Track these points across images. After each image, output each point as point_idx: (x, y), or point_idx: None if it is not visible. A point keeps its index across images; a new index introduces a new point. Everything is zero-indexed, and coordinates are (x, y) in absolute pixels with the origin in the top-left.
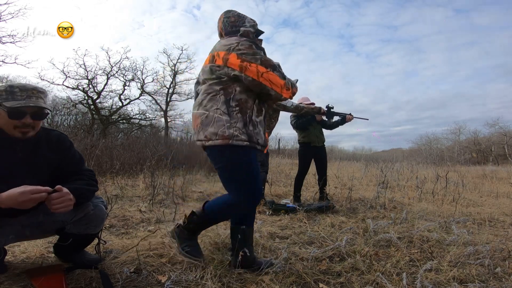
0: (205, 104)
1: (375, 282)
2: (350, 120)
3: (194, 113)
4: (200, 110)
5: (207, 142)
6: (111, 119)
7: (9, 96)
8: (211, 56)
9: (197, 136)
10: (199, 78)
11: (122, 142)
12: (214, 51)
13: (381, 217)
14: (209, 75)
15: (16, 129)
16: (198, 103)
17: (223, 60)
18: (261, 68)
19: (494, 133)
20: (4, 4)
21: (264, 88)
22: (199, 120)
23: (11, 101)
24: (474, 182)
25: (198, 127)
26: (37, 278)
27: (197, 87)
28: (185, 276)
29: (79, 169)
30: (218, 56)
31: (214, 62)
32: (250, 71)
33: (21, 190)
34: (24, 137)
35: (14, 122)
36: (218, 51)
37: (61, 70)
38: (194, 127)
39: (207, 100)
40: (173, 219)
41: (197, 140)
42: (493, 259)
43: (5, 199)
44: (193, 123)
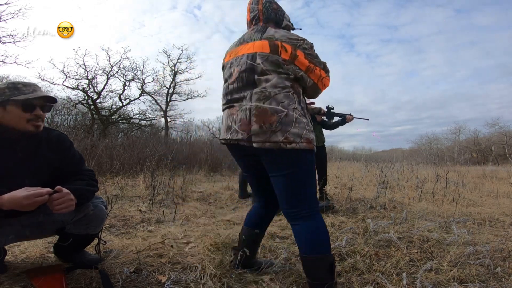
0: (281, 100)
1: (375, 282)
2: (351, 120)
3: (261, 107)
4: (274, 105)
5: (288, 144)
6: (111, 119)
7: (15, 91)
8: (272, 44)
9: (269, 136)
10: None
11: (122, 142)
12: (274, 39)
13: (381, 217)
14: (276, 67)
15: (29, 123)
16: (265, 96)
17: (291, 56)
18: (323, 72)
19: (494, 133)
20: (4, 4)
21: (317, 92)
22: (276, 117)
23: (21, 95)
24: (474, 182)
25: (274, 125)
26: (37, 278)
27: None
28: (185, 276)
29: (79, 169)
30: (284, 49)
31: (279, 54)
32: (315, 75)
33: (25, 194)
34: (37, 131)
35: (27, 116)
36: (283, 43)
37: (61, 70)
38: (260, 123)
39: (282, 95)
40: (173, 219)
41: (267, 141)
42: (493, 259)
43: (7, 202)
44: (259, 118)
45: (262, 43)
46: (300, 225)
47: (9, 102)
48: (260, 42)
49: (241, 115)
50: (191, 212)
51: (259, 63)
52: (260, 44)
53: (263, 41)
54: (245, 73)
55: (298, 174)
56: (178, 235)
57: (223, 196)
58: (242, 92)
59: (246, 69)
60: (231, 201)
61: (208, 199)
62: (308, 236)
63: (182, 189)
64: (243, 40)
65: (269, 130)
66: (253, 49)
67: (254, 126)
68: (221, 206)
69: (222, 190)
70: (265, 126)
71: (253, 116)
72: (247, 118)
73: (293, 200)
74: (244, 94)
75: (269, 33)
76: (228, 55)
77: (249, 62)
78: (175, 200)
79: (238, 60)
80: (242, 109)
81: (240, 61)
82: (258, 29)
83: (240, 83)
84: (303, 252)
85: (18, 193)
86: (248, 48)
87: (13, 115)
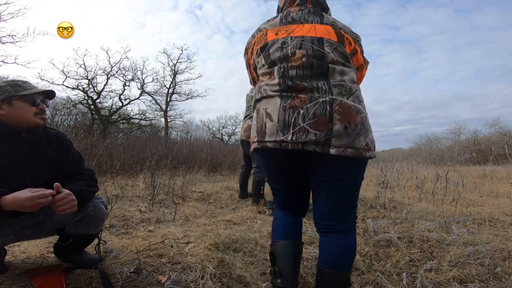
0: (361, 98)
1: (375, 282)
2: None
3: (346, 103)
4: (356, 103)
5: (367, 152)
6: (111, 119)
7: (17, 88)
8: (338, 32)
9: (353, 140)
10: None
11: (122, 142)
12: (338, 28)
13: (381, 217)
14: (345, 60)
15: (37, 116)
16: (347, 90)
17: (353, 50)
18: (365, 73)
19: (494, 133)
20: (4, 4)
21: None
22: (359, 118)
23: (26, 91)
24: (474, 182)
25: (359, 127)
26: (37, 278)
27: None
28: (185, 276)
29: (79, 169)
30: (348, 42)
31: (345, 46)
32: (361, 74)
33: (28, 196)
34: (45, 124)
35: (34, 109)
36: (348, 36)
37: (61, 70)
38: (345, 123)
39: (359, 91)
40: (173, 219)
41: (350, 146)
42: (493, 259)
43: (10, 203)
44: (344, 117)
45: (326, 28)
46: (332, 238)
47: (14, 98)
48: (323, 27)
49: (315, 110)
50: (191, 212)
51: (329, 52)
52: (324, 28)
53: (326, 26)
54: (315, 59)
55: (357, 185)
56: (178, 235)
57: (223, 196)
58: (315, 81)
59: (314, 54)
60: (231, 201)
61: (208, 199)
62: (336, 251)
63: (182, 189)
64: (292, 19)
65: (354, 132)
66: (315, 32)
67: (337, 125)
68: (221, 206)
69: (222, 190)
70: (350, 127)
71: (336, 113)
72: (327, 114)
73: (340, 213)
74: (318, 84)
75: (329, 19)
76: (272, 33)
77: (315, 48)
78: (175, 200)
79: (297, 41)
80: (318, 102)
81: (302, 43)
82: (311, 11)
83: (308, 70)
84: (325, 265)
85: (22, 194)
86: (308, 29)
87: (21, 110)
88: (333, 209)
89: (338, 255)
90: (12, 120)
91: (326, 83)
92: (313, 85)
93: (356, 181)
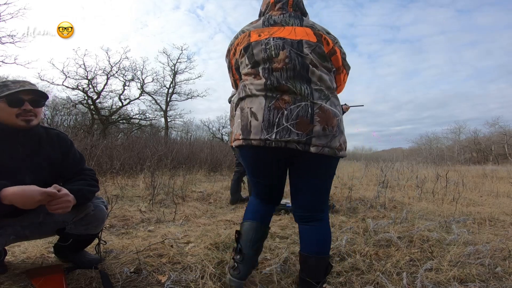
0: (336, 103)
1: (375, 281)
2: (347, 110)
3: (324, 107)
4: (333, 107)
5: (340, 152)
6: (111, 119)
7: (3, 89)
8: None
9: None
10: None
11: (122, 142)
12: (317, 29)
13: (381, 216)
14: (322, 60)
15: (19, 118)
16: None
17: (331, 50)
18: (346, 78)
19: (494, 133)
20: (3, 4)
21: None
22: (336, 121)
23: (7, 91)
24: (474, 181)
25: (335, 129)
26: (37, 278)
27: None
28: (185, 276)
29: (80, 169)
30: (326, 42)
31: (323, 46)
32: (340, 77)
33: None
34: (28, 126)
35: (15, 111)
36: (326, 37)
37: (61, 70)
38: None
39: (334, 97)
40: (173, 219)
41: (327, 146)
42: (493, 259)
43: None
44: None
45: (305, 30)
46: (312, 226)
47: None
48: (302, 29)
49: (298, 111)
50: (191, 212)
51: (307, 54)
52: (303, 31)
53: (305, 28)
54: (297, 61)
55: (330, 180)
56: (178, 235)
57: (223, 196)
58: (297, 83)
59: (296, 56)
60: None
61: (208, 199)
62: (317, 238)
63: (182, 189)
64: (274, 22)
65: (330, 134)
66: (295, 35)
67: (317, 127)
68: (221, 206)
69: (222, 190)
70: (328, 128)
71: (316, 116)
72: (308, 116)
73: (317, 204)
74: (301, 88)
75: (309, 22)
76: (255, 34)
77: (295, 50)
78: (175, 200)
79: (280, 42)
80: (300, 105)
81: (283, 44)
82: (292, 15)
83: (291, 71)
84: (308, 251)
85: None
86: (289, 32)
87: (2, 112)
88: (313, 201)
89: (320, 241)
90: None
91: (308, 87)
92: (297, 87)
93: (331, 176)
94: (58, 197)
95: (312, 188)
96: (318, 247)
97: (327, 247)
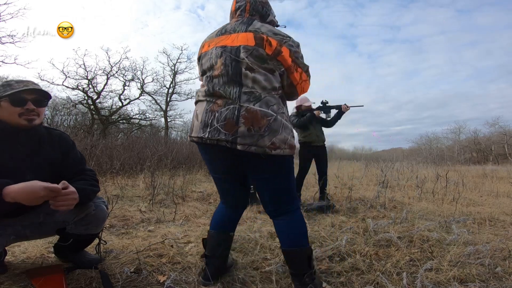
0: (271, 103)
1: (375, 281)
2: (347, 109)
3: (251, 109)
4: (264, 108)
5: (274, 150)
6: (111, 119)
7: (7, 88)
8: (257, 37)
9: (256, 140)
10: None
11: (122, 142)
12: (260, 32)
13: (381, 216)
14: (261, 62)
15: (22, 117)
16: (256, 97)
17: (275, 51)
18: (304, 76)
19: (494, 133)
20: (4, 4)
21: (294, 95)
22: (265, 121)
23: (11, 91)
24: (474, 181)
25: (263, 129)
26: (37, 278)
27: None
28: (185, 276)
29: (82, 169)
30: (269, 43)
31: (264, 47)
32: (295, 76)
33: (43, 185)
34: (31, 125)
35: (18, 110)
36: (268, 37)
37: (61, 70)
38: (249, 126)
39: (272, 98)
40: (173, 219)
41: (253, 144)
42: (493, 259)
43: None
44: (248, 121)
45: (247, 36)
46: (282, 221)
47: (1, 99)
48: (244, 34)
49: (226, 114)
50: (191, 212)
51: (243, 58)
52: (244, 36)
53: (247, 34)
54: (230, 67)
55: (279, 178)
56: (178, 235)
57: None
58: (228, 88)
59: (231, 62)
60: None
61: (208, 199)
62: (289, 231)
63: (182, 189)
64: (225, 30)
65: (257, 134)
66: (237, 41)
67: (242, 128)
68: None
69: None
70: (253, 129)
71: (242, 118)
72: (234, 118)
73: (276, 201)
74: (230, 91)
75: (255, 26)
76: (206, 45)
77: (233, 56)
78: (175, 200)
79: (219, 51)
80: (229, 108)
81: (222, 53)
82: (243, 21)
83: (225, 77)
84: (287, 245)
85: (34, 183)
86: (232, 40)
87: (6, 111)
88: (268, 198)
89: (294, 234)
90: (4, 120)
91: (237, 91)
92: (227, 92)
93: (276, 175)
94: (64, 194)
95: (268, 185)
96: (293, 240)
97: (303, 238)
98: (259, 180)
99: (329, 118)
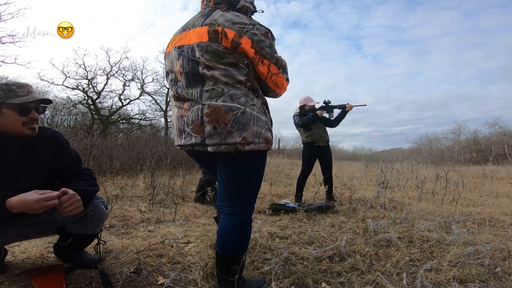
0: (236, 96)
1: (375, 282)
2: (350, 109)
3: (213, 105)
4: (228, 102)
5: (247, 146)
6: (111, 119)
7: (9, 94)
8: (211, 31)
9: (225, 137)
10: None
11: (122, 142)
12: (216, 25)
13: (381, 217)
14: (218, 58)
15: (25, 126)
16: (218, 93)
17: (233, 43)
18: (274, 68)
19: (494, 133)
20: (4, 4)
21: (268, 91)
22: (231, 116)
23: (16, 98)
24: (474, 182)
25: (230, 125)
26: (37, 278)
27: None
28: (185, 276)
29: (78, 169)
30: (224, 35)
31: (220, 41)
32: (260, 69)
33: (36, 198)
34: (34, 134)
35: (23, 119)
36: (225, 28)
37: (60, 70)
38: (214, 123)
39: (237, 91)
40: (173, 219)
41: (222, 143)
42: (493, 259)
43: (16, 205)
44: (212, 118)
45: (201, 31)
46: (229, 221)
47: (4, 106)
48: (199, 29)
49: (192, 117)
50: (191, 212)
51: (199, 57)
52: (199, 32)
53: (202, 28)
54: (189, 68)
55: (248, 174)
56: (178, 235)
57: None
58: (190, 90)
59: (188, 64)
60: None
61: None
62: (221, 232)
63: (182, 189)
64: (187, 26)
65: (224, 130)
66: (192, 39)
67: (208, 127)
68: None
69: None
70: (219, 126)
71: (205, 116)
72: (199, 119)
73: (237, 197)
74: (192, 92)
75: (214, 17)
76: (170, 44)
77: (190, 57)
78: (175, 200)
79: (177, 52)
80: (193, 110)
81: (180, 54)
82: (204, 13)
83: (186, 80)
84: (221, 248)
85: (29, 196)
86: (189, 38)
87: (9, 119)
88: (228, 193)
89: (222, 236)
90: (2, 127)
91: (199, 90)
92: (189, 94)
93: (244, 170)
94: (67, 200)
95: (227, 180)
96: (221, 242)
97: (240, 247)
98: (226, 173)
99: (332, 118)
